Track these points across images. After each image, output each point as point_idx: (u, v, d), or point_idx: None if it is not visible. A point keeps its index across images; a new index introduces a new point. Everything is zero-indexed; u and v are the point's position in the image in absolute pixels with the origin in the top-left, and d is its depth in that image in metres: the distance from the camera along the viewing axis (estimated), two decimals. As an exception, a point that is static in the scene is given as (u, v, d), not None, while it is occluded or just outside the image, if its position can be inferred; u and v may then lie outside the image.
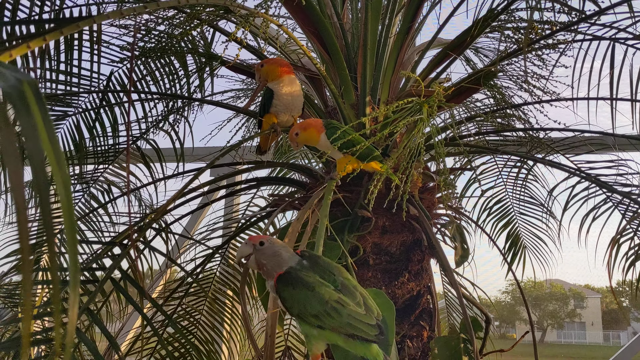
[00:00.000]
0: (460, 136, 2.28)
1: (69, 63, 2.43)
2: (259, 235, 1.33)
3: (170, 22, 2.11)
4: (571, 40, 2.18)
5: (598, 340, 37.55)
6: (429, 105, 1.56)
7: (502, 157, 3.04)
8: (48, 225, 0.38)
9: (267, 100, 1.74)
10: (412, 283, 1.92)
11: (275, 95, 1.72)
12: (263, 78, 1.74)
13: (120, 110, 2.69)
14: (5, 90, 0.43)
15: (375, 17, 1.98)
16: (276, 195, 2.35)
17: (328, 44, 1.98)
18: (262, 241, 1.29)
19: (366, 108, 2.00)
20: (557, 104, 2.44)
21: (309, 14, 1.93)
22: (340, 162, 1.68)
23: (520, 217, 3.28)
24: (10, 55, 0.72)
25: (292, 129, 1.65)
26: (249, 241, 1.31)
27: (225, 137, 11.54)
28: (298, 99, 1.79)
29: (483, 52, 2.86)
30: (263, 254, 1.28)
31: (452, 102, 2.04)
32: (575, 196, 2.65)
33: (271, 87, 1.73)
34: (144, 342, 2.32)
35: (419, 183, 1.94)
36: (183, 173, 2.30)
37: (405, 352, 1.89)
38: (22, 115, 0.41)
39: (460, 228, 1.97)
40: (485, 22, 1.86)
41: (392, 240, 1.92)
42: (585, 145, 2.60)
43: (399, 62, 2.08)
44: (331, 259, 1.72)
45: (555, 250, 3.22)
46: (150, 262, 2.36)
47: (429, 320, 1.98)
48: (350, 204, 1.88)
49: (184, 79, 2.52)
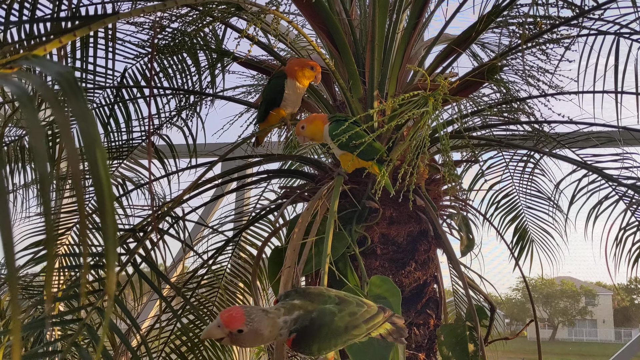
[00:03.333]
0: (466, 129, 2.33)
1: (84, 60, 2.51)
2: (237, 317, 1.06)
3: (183, 20, 2.18)
4: (576, 35, 2.21)
5: (609, 338, 37.29)
6: (434, 99, 1.61)
7: (509, 151, 3.08)
8: (100, 194, 0.44)
9: (277, 95, 1.80)
10: (418, 272, 1.98)
11: (288, 91, 1.78)
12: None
13: (134, 106, 2.76)
14: (55, 78, 0.49)
15: (383, 13, 2.03)
16: (287, 188, 2.41)
17: (337, 40, 2.04)
18: (241, 329, 1.06)
19: (374, 102, 2.05)
20: (562, 98, 2.48)
21: (318, 10, 1.99)
22: (343, 159, 1.74)
23: (528, 211, 3.31)
24: (45, 50, 0.78)
25: (299, 122, 1.71)
26: (222, 325, 1.05)
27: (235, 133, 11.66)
28: (302, 95, 1.86)
29: (490, 48, 2.90)
30: (243, 340, 1.07)
31: (458, 96, 2.09)
32: (582, 189, 2.68)
33: (287, 84, 1.79)
34: (162, 329, 2.39)
35: (425, 175, 1.99)
36: (196, 166, 2.36)
37: (412, 339, 1.94)
38: (71, 99, 0.48)
39: (466, 219, 2.02)
40: (489, 18, 1.91)
41: (399, 231, 1.97)
42: (591, 138, 2.63)
43: (406, 57, 2.13)
44: (340, 249, 1.78)
45: (564, 245, 3.25)
46: (164, 254, 2.44)
47: (436, 309, 2.03)
48: (358, 195, 1.94)
49: (196, 75, 2.59)
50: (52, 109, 0.47)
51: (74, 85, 0.53)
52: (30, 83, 0.55)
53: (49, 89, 0.49)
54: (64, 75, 0.54)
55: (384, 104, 1.64)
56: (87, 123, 0.49)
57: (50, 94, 0.48)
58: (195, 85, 2.60)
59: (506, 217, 3.34)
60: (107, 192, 0.48)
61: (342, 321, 1.21)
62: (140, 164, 3.01)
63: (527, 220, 3.33)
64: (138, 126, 2.83)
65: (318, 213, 1.72)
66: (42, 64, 0.61)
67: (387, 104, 1.59)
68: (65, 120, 0.45)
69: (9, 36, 2.13)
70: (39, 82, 0.49)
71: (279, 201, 2.53)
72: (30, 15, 2.16)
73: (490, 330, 1.98)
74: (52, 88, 0.52)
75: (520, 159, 3.00)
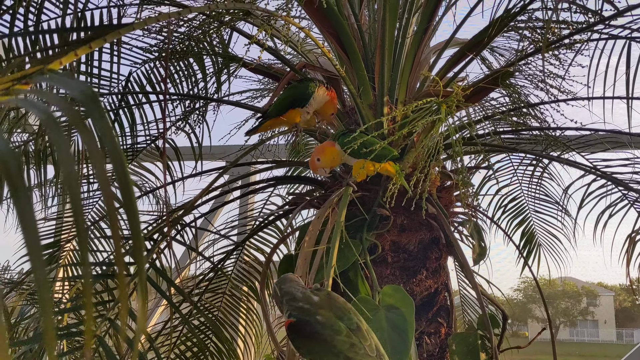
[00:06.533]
0: (476, 135, 2.30)
1: (89, 64, 2.49)
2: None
3: (191, 25, 2.15)
4: (587, 39, 2.19)
5: (611, 339, 37.28)
6: (447, 105, 1.59)
7: (517, 156, 3.06)
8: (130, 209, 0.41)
9: (307, 96, 1.77)
10: (429, 280, 1.95)
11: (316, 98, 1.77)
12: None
13: (139, 111, 2.74)
14: (78, 97, 0.47)
15: (393, 17, 2.01)
16: (295, 194, 2.39)
17: (346, 45, 2.01)
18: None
19: (384, 108, 2.03)
20: (573, 102, 2.45)
21: (328, 15, 1.96)
22: (356, 167, 1.71)
23: (535, 215, 3.30)
24: (61, 63, 0.76)
25: (312, 158, 1.68)
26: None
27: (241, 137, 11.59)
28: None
29: (498, 52, 2.88)
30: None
31: (469, 102, 2.06)
32: (591, 194, 2.66)
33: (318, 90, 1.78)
34: (172, 332, 2.37)
35: (437, 182, 1.97)
36: (207, 172, 2.34)
37: (424, 349, 1.92)
38: (95, 118, 0.45)
39: (478, 226, 1.99)
40: (503, 22, 1.88)
41: (410, 239, 1.95)
42: (601, 143, 2.61)
43: (416, 62, 2.10)
44: (351, 257, 1.76)
45: (569, 248, 3.24)
46: (170, 260, 2.41)
47: (447, 317, 2.01)
48: (368, 202, 1.92)
49: (202, 81, 2.56)
50: (79, 133, 0.45)
51: (98, 104, 0.51)
52: (52, 103, 0.53)
53: (76, 112, 0.47)
54: (87, 94, 0.52)
55: (395, 110, 1.62)
56: (114, 145, 0.47)
57: (78, 117, 0.46)
58: (201, 91, 2.58)
59: (513, 221, 3.33)
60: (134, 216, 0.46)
61: (341, 344, 1.16)
62: (145, 168, 2.99)
63: (535, 225, 3.31)
64: (143, 130, 2.81)
65: (329, 221, 1.69)
66: (62, 82, 0.58)
67: (397, 111, 1.56)
68: (94, 143, 0.43)
69: (14, 43, 2.11)
70: (64, 106, 0.47)
71: (286, 207, 2.51)
72: (35, 20, 2.13)
73: (502, 338, 1.96)
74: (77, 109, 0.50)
75: (529, 163, 2.98)
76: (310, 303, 1.20)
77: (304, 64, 2.09)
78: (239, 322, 2.93)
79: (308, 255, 1.65)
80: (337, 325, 1.18)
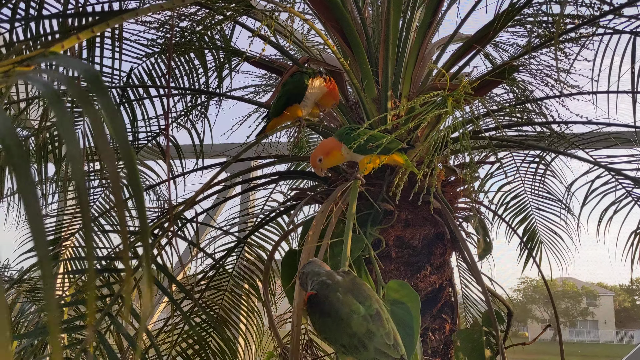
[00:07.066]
0: (480, 130, 2.28)
1: (90, 60, 2.47)
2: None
3: (192, 18, 2.13)
4: (592, 33, 2.17)
5: (611, 339, 37.27)
6: (454, 99, 1.57)
7: (519, 153, 3.04)
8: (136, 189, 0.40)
9: (301, 91, 1.75)
10: (434, 276, 1.93)
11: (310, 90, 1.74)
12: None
13: (140, 108, 2.72)
14: (82, 75, 0.45)
15: (397, 11, 1.99)
16: (298, 189, 2.37)
17: (350, 39, 1.99)
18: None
19: (388, 102, 2.01)
20: (577, 97, 2.44)
21: (331, 9, 1.94)
22: (362, 163, 1.69)
23: (537, 213, 3.27)
24: (62, 47, 0.74)
25: (314, 155, 1.65)
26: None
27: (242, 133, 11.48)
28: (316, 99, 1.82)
29: (502, 47, 2.86)
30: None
31: (474, 96, 2.04)
32: (594, 191, 2.64)
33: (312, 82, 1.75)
34: (173, 329, 2.35)
35: (442, 176, 1.95)
36: (208, 167, 2.32)
37: (428, 345, 1.90)
38: (100, 97, 0.43)
39: (483, 221, 1.97)
40: (508, 16, 1.87)
41: (414, 234, 1.93)
42: (605, 139, 2.59)
43: (420, 56, 2.09)
44: (355, 252, 1.74)
45: (572, 247, 3.21)
46: (171, 257, 2.39)
47: (451, 313, 1.99)
48: (373, 197, 1.90)
49: (204, 76, 2.54)
50: (83, 107, 0.43)
51: (101, 83, 0.49)
52: (55, 80, 0.51)
53: (78, 86, 0.45)
54: (90, 72, 0.50)
55: (399, 104, 1.60)
56: (117, 121, 0.45)
57: (80, 91, 0.44)
58: (203, 86, 2.55)
59: (515, 219, 3.31)
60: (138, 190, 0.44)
61: (358, 326, 1.15)
62: (145, 165, 2.97)
63: (537, 222, 3.29)
64: (144, 127, 2.79)
65: (333, 215, 1.67)
66: (64, 61, 0.56)
67: (402, 106, 1.54)
68: (97, 118, 0.41)
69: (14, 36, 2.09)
70: (66, 80, 0.45)
71: (288, 203, 2.49)
72: (36, 12, 2.11)
73: (507, 334, 1.94)
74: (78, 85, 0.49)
75: (532, 160, 2.96)
76: (333, 280, 1.21)
77: (307, 59, 2.06)
78: (239, 320, 2.91)
79: (312, 250, 1.63)
80: (355, 305, 1.17)
